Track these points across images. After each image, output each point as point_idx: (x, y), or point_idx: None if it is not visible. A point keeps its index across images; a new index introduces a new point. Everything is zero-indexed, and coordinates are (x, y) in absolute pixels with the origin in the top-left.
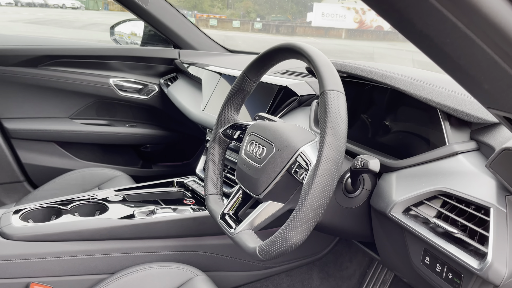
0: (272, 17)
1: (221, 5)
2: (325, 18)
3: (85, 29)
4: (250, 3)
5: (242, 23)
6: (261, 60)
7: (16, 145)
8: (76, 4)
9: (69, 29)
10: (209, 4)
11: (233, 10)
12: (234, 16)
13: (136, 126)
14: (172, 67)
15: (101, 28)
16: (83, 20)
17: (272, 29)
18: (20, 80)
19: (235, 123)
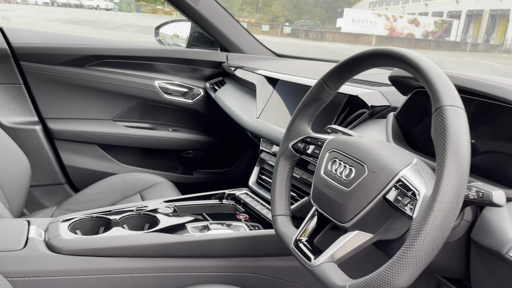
0: (301, 22)
1: (250, 9)
2: (355, 24)
3: (118, 30)
4: (279, 8)
5: (271, 27)
6: (345, 67)
7: (58, 146)
8: (110, 5)
9: (103, 30)
10: (239, 8)
11: (262, 14)
12: (263, 20)
13: (179, 131)
14: (218, 71)
15: (133, 30)
16: (116, 21)
17: (301, 34)
18: (66, 80)
19: (308, 136)
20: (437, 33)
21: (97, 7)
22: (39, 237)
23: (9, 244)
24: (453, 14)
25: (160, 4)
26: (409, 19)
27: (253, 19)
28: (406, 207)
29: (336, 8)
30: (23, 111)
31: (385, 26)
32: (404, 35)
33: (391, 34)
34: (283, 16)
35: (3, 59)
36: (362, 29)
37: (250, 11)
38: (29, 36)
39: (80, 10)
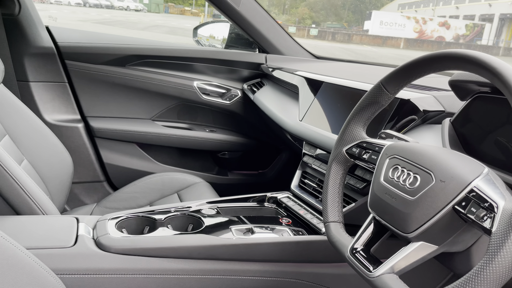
0: (328, 24)
1: (277, 11)
2: (383, 27)
3: (147, 31)
4: (306, 10)
5: (298, 29)
6: (408, 70)
7: (99, 144)
8: (139, 6)
9: (133, 30)
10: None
11: (289, 16)
12: (289, 22)
13: (215, 132)
14: (257, 72)
15: (162, 30)
16: (145, 22)
17: (328, 36)
18: (108, 79)
19: (363, 140)
20: (469, 36)
21: (127, 8)
22: (88, 235)
23: (60, 241)
24: (485, 17)
25: (188, 6)
26: (440, 22)
27: (280, 21)
28: (483, 220)
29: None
30: (67, 109)
31: (414, 29)
32: (434, 38)
33: (421, 37)
34: (309, 18)
35: (50, 58)
36: (390, 32)
37: (277, 13)
38: (74, 36)
39: (111, 11)
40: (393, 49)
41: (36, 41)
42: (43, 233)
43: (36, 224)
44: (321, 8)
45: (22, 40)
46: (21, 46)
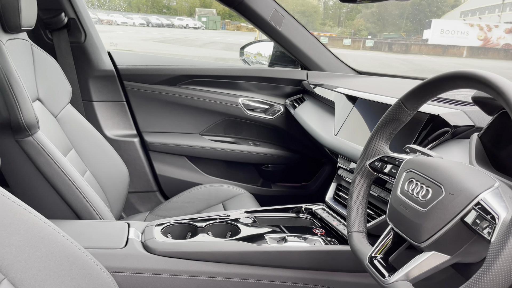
0: (385, 34)
1: (332, 23)
2: (444, 35)
3: (204, 47)
4: (362, 21)
5: (353, 41)
6: (424, 88)
7: (153, 157)
8: (198, 24)
9: (191, 47)
10: (320, 22)
11: (344, 28)
12: (344, 34)
13: (259, 145)
14: (299, 88)
15: (219, 47)
16: (203, 39)
17: (384, 47)
18: (161, 97)
19: (385, 155)
20: None
21: (186, 26)
22: (137, 238)
23: (113, 242)
24: None
25: (244, 22)
26: (506, 29)
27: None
28: (485, 231)
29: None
30: (125, 125)
31: (478, 36)
32: (500, 46)
33: (485, 45)
34: (365, 29)
35: (110, 79)
36: (451, 41)
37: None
38: (132, 59)
39: (171, 30)
40: (455, 58)
41: (99, 65)
42: (99, 236)
43: (93, 228)
44: (378, 18)
45: (87, 64)
46: (86, 70)
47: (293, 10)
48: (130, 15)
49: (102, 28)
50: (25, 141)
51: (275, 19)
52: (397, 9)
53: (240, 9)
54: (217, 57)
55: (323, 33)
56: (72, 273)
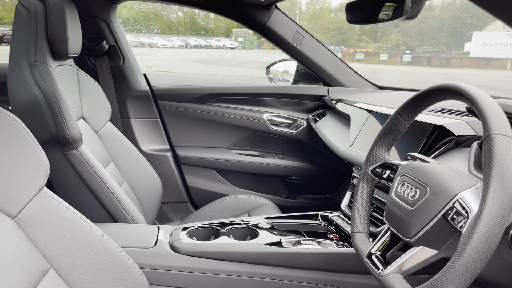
0: (423, 48)
1: (368, 39)
2: (486, 48)
3: (241, 67)
4: (400, 36)
5: (390, 56)
6: (415, 101)
7: (184, 170)
8: (234, 44)
9: (227, 67)
10: (357, 38)
11: (381, 44)
12: (381, 50)
13: (284, 158)
14: (320, 103)
15: (254, 66)
16: (239, 58)
17: (423, 61)
18: (191, 114)
19: (385, 162)
20: None
21: (223, 46)
22: (165, 240)
23: (144, 243)
24: None
25: None
26: None
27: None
28: (459, 225)
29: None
30: (159, 140)
31: None
32: None
33: None
34: (403, 44)
35: (146, 99)
36: (494, 53)
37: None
38: (165, 80)
39: (209, 50)
40: (498, 71)
41: (136, 86)
42: (132, 236)
43: (127, 230)
44: (416, 32)
45: (125, 86)
46: (125, 91)
47: (329, 28)
48: (170, 38)
49: (144, 51)
50: (70, 153)
51: (296, 39)
52: (436, 23)
53: (262, 31)
54: (253, 75)
55: (360, 49)
56: (108, 266)
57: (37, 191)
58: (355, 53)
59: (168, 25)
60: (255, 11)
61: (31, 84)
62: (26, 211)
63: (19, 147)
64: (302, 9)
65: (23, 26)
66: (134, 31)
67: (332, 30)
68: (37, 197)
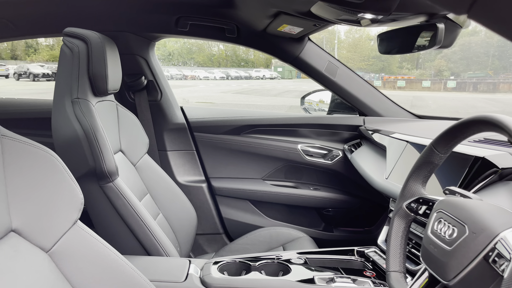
0: (469, 74)
1: (410, 66)
2: None
3: (279, 96)
4: (443, 62)
5: (433, 83)
6: (451, 133)
7: (219, 201)
8: (274, 74)
9: (266, 97)
10: (397, 65)
11: (423, 70)
12: (424, 76)
13: (319, 190)
14: (356, 134)
15: (293, 95)
16: (278, 88)
17: (469, 87)
18: (226, 146)
19: (420, 197)
20: None
21: (263, 77)
22: (196, 274)
23: (175, 277)
24: None
25: None
26: None
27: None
28: (501, 268)
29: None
30: (194, 172)
31: None
32: None
33: None
34: (447, 69)
35: (183, 131)
36: None
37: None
38: (200, 112)
39: (249, 81)
40: None
41: (173, 119)
42: (163, 270)
43: (159, 263)
44: (460, 58)
45: (163, 119)
46: (162, 124)
47: (368, 56)
48: (212, 70)
49: (186, 83)
50: (107, 186)
51: (330, 70)
52: (482, 47)
53: (296, 63)
54: (291, 105)
55: (401, 76)
56: None
57: (71, 224)
58: (396, 80)
59: (210, 58)
60: (288, 43)
61: (72, 120)
62: (59, 244)
63: (55, 182)
64: (341, 39)
65: (67, 65)
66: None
67: (372, 58)
68: (70, 231)
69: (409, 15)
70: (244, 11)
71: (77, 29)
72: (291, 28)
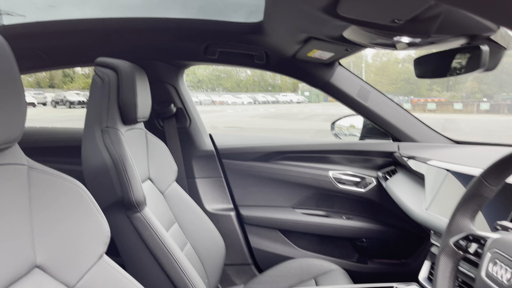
0: (503, 96)
1: (440, 88)
2: None
3: (307, 120)
4: (475, 83)
5: (465, 105)
6: (503, 164)
7: (248, 230)
8: (301, 98)
9: (294, 121)
10: (427, 88)
11: (454, 92)
12: (455, 98)
13: (352, 219)
14: (390, 160)
15: (320, 119)
16: (305, 112)
17: (503, 109)
18: (255, 173)
19: (470, 233)
20: None
21: (290, 101)
22: None
23: None
24: None
25: None
26: None
27: (443, 98)
28: None
29: None
30: (223, 200)
31: None
32: None
33: None
34: (479, 91)
35: (211, 158)
36: None
37: (440, 90)
38: (229, 139)
39: (276, 106)
40: None
41: (201, 146)
42: None
43: None
44: (493, 79)
45: (191, 146)
46: (190, 151)
47: (396, 79)
48: (239, 95)
49: (215, 108)
50: (134, 216)
51: (362, 95)
52: None
53: (326, 89)
54: (319, 128)
55: (431, 99)
56: None
57: (97, 259)
58: (426, 103)
59: (238, 83)
60: (318, 69)
61: (101, 149)
62: (85, 280)
63: (81, 214)
64: (368, 62)
65: (98, 94)
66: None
67: (400, 81)
68: (96, 266)
69: (449, 37)
70: (274, 37)
71: (108, 59)
72: (322, 54)
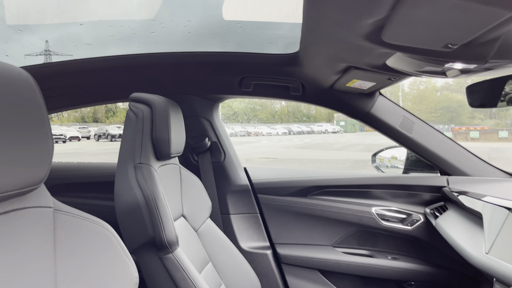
0: None
1: (482, 116)
2: None
3: (343, 150)
4: None
5: (510, 133)
6: None
7: (285, 270)
8: (336, 128)
9: (329, 151)
10: (468, 116)
11: (498, 120)
12: (499, 126)
13: (399, 259)
14: (439, 195)
15: (357, 148)
16: (341, 142)
17: None
18: (292, 209)
19: None
20: None
21: (325, 131)
22: None
23: None
24: None
25: None
26: None
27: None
28: None
29: None
30: (258, 237)
31: None
32: None
33: None
34: None
35: (246, 193)
36: None
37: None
38: (265, 173)
39: (311, 136)
40: None
41: (236, 181)
42: None
43: None
44: None
45: (226, 180)
46: (225, 186)
47: (435, 107)
48: (274, 126)
49: (250, 139)
50: (166, 257)
51: (405, 126)
52: None
53: (366, 120)
54: (356, 159)
55: (473, 127)
56: None
57: None
58: (468, 131)
59: (273, 114)
60: (357, 99)
61: (134, 186)
62: None
63: (108, 259)
64: (405, 91)
65: (132, 129)
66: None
67: (440, 109)
68: None
69: (508, 63)
70: (310, 69)
71: (143, 94)
72: (362, 83)
